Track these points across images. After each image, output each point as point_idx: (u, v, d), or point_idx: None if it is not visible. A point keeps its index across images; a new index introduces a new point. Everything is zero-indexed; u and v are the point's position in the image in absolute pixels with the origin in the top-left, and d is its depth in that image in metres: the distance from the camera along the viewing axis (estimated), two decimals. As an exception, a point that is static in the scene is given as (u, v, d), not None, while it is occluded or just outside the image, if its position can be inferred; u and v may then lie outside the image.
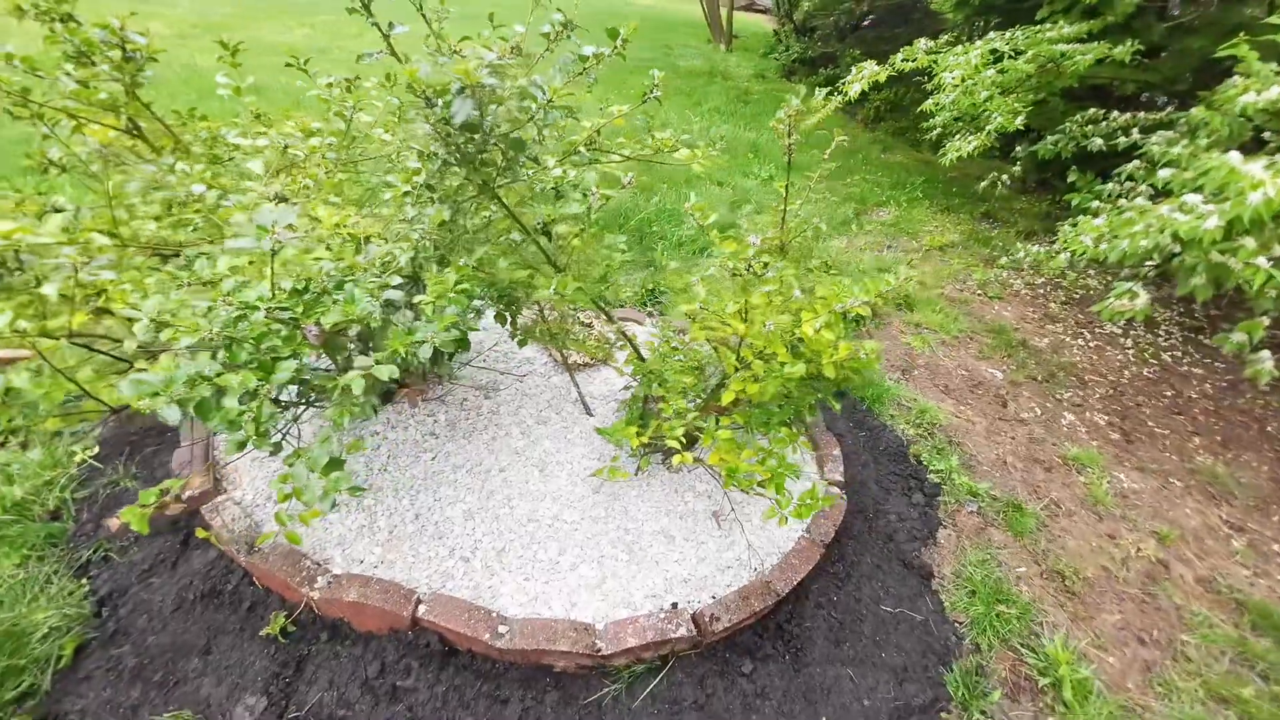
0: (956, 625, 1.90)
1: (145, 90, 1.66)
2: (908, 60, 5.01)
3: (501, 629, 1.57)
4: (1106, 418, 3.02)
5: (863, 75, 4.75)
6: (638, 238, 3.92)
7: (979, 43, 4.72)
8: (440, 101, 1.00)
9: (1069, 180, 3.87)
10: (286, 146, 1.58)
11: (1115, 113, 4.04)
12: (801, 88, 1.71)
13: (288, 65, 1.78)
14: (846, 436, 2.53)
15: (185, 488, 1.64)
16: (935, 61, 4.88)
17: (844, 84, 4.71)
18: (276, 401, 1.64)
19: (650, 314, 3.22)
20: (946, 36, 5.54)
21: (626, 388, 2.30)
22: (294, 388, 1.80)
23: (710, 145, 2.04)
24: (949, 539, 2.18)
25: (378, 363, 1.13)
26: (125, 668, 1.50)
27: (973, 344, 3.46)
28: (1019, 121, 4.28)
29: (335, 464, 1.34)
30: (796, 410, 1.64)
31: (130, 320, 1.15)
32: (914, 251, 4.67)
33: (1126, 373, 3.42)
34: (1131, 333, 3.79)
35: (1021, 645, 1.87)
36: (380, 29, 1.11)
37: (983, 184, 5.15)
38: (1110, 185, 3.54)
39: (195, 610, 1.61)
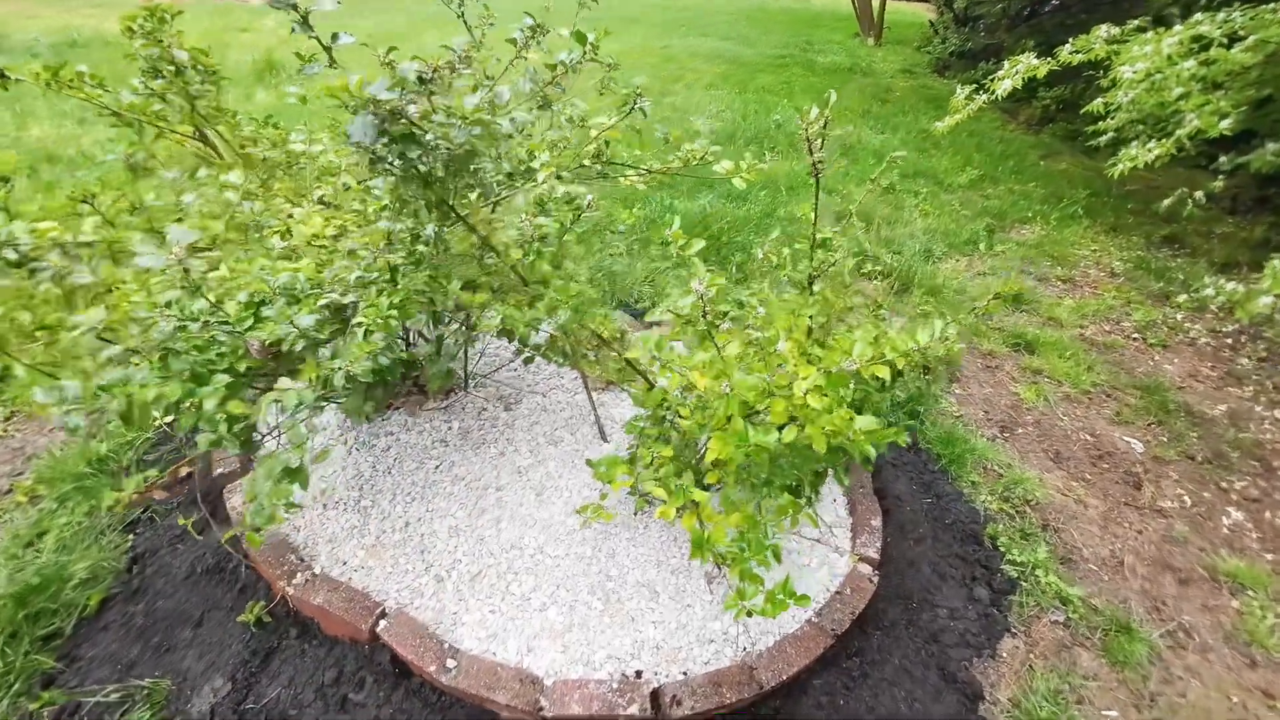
0: (1000, 768, 1.52)
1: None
2: (1078, 51, 4.24)
3: (450, 663, 1.51)
4: (1298, 522, 2.28)
5: (1016, 70, 4.10)
6: (714, 248, 3.69)
7: (1178, 27, 3.84)
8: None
9: (1300, 199, 3.00)
10: (278, 147, 1.64)
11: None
12: (831, 92, 1.42)
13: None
14: (905, 501, 2.15)
15: (174, 473, 1.79)
16: (1116, 52, 4.04)
17: (993, 80, 4.09)
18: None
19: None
20: (1137, 21, 4.57)
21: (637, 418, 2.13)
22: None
23: (759, 158, 1.79)
24: (1014, 653, 1.75)
25: (297, 386, 1.10)
26: (135, 625, 1.65)
27: (1110, 402, 2.80)
28: (1225, 125, 3.40)
29: (292, 473, 1.35)
30: (797, 480, 1.38)
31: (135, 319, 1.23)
32: (1058, 280, 3.94)
33: (1345, 464, 2.57)
34: (1362, 410, 2.85)
35: (1089, 817, 1.44)
36: (320, 41, 1.08)
37: (1167, 201, 4.22)
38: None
39: (200, 582, 1.74)
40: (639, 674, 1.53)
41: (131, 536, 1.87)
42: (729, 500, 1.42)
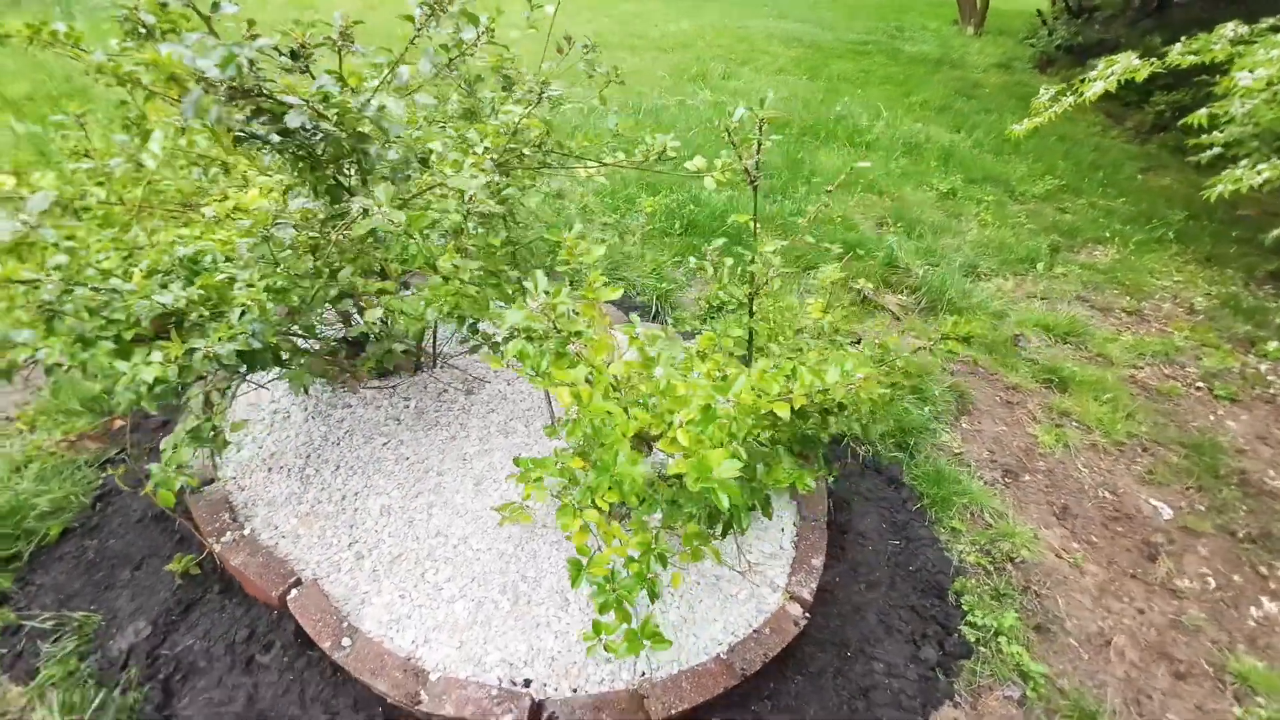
0: None
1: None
2: (1192, 53, 3.74)
3: (345, 641, 1.52)
4: (1352, 626, 1.94)
5: (1112, 71, 3.67)
6: (739, 241, 3.51)
7: (1325, 29, 3.32)
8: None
9: None
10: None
11: None
12: (769, 91, 1.27)
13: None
14: (869, 541, 1.98)
15: (108, 424, 1.88)
16: (1240, 54, 3.52)
17: (1083, 80, 3.68)
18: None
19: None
20: (1273, 20, 3.92)
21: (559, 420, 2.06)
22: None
23: (727, 167, 1.64)
24: (952, 725, 1.59)
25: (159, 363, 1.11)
26: (85, 559, 1.77)
27: (1144, 457, 2.48)
28: (1356, 148, 2.92)
29: (199, 438, 1.38)
30: (693, 512, 1.28)
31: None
32: (1123, 312, 3.52)
33: None
34: None
35: None
36: (198, 10, 1.05)
37: (1277, 231, 3.68)
38: None
39: (148, 527, 1.83)
40: (528, 683, 1.49)
41: (104, 473, 1.99)
42: (639, 521, 1.34)
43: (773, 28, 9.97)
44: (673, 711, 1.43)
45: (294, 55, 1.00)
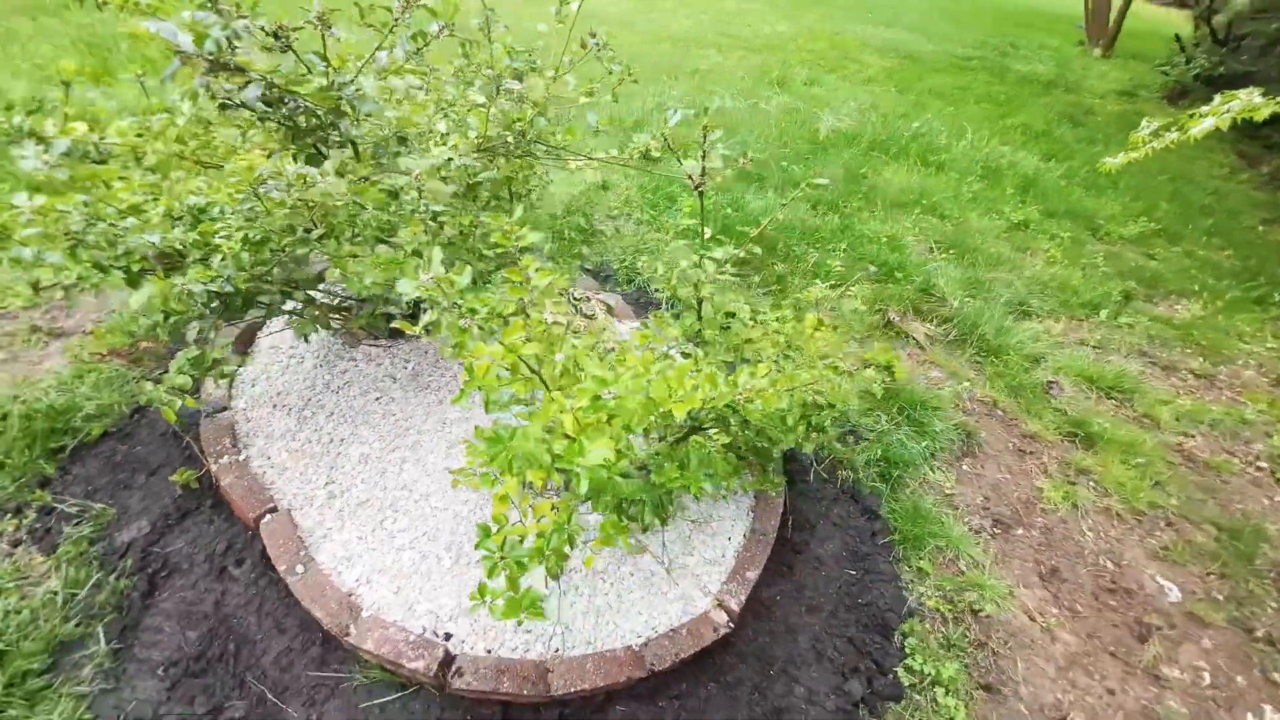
0: None
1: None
2: None
3: (299, 568, 1.67)
4: (1374, 759, 1.71)
5: (1227, 108, 3.34)
6: (782, 256, 3.45)
7: None
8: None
9: None
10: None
11: None
12: (715, 98, 1.26)
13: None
14: (824, 565, 1.94)
15: (135, 345, 2.13)
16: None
17: (1192, 116, 3.37)
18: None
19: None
20: None
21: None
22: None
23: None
24: (860, 764, 1.54)
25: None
26: (114, 460, 2.03)
27: (1165, 532, 2.26)
28: None
29: (198, 365, 1.57)
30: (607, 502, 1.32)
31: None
32: (1190, 373, 3.19)
33: None
34: None
35: None
36: None
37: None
38: None
39: (168, 442, 2.08)
40: (449, 636, 1.58)
41: (148, 388, 2.27)
42: (564, 503, 1.40)
43: (872, 35, 9.61)
44: (573, 689, 1.48)
45: (275, 35, 1.13)
